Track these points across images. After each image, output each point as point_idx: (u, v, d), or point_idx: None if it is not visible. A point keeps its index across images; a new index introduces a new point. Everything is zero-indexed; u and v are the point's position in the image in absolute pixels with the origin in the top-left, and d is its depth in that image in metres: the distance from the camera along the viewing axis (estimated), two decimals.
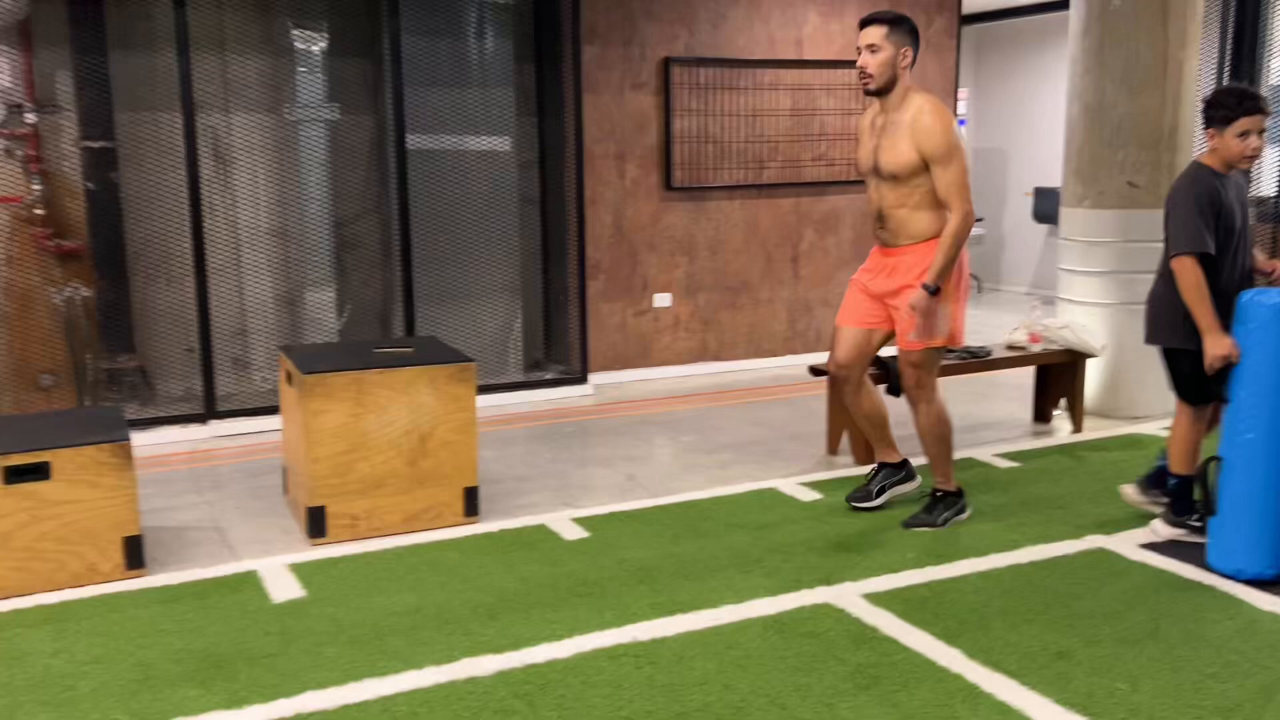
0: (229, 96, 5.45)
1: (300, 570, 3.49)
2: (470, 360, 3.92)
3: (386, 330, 5.89)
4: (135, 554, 3.45)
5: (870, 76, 3.59)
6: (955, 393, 6.07)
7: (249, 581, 3.40)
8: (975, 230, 9.38)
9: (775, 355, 6.87)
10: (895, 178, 3.61)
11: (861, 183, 6.95)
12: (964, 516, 3.90)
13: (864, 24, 3.62)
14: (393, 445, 3.79)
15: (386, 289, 5.91)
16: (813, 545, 3.67)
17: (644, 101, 6.31)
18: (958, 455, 4.74)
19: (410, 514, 3.84)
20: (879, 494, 4.00)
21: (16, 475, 3.28)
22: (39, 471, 3.30)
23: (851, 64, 6.77)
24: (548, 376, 6.16)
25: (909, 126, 3.55)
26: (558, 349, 6.32)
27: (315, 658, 2.88)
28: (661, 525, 3.89)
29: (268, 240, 5.63)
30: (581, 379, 6.12)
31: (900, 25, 3.59)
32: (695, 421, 5.41)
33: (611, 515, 4.00)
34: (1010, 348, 5.06)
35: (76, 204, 5.21)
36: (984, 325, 8.14)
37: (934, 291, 3.57)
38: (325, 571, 3.48)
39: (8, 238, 5.11)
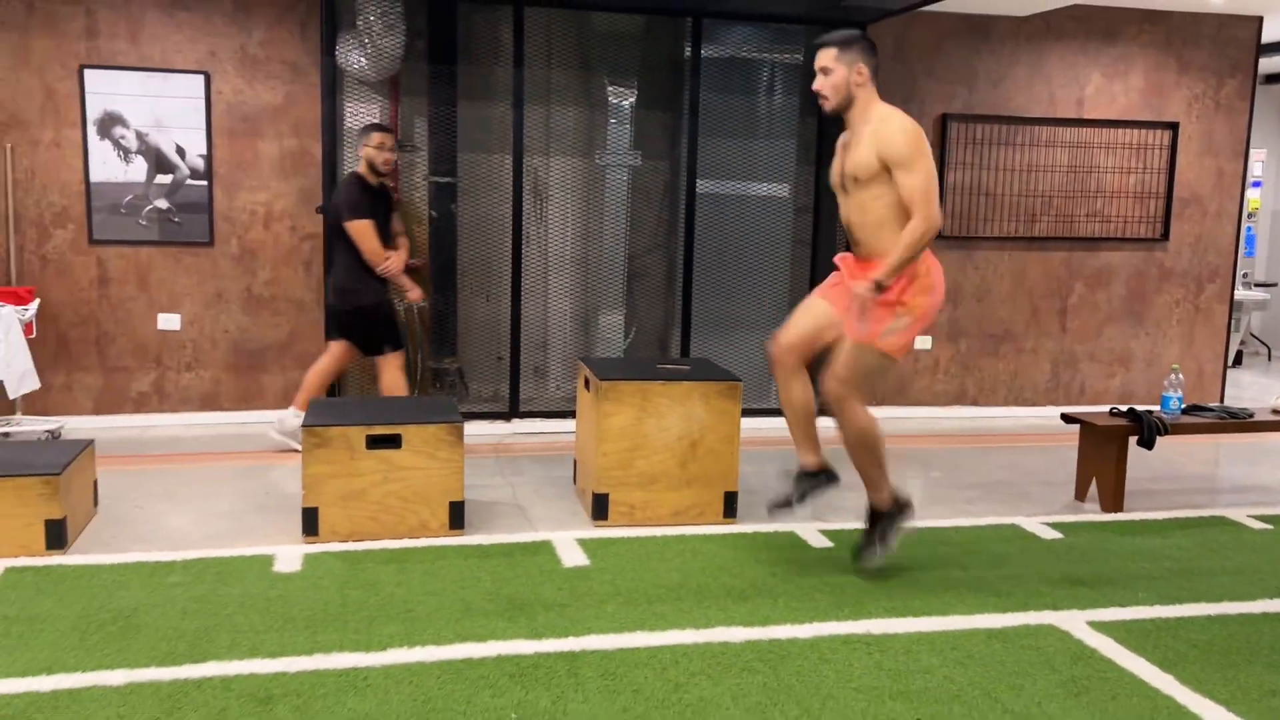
0: (550, 142, 6.32)
1: (586, 544, 4.13)
2: (738, 380, 4.45)
3: (664, 352, 6.55)
4: (458, 516, 4.21)
5: (825, 98, 3.64)
6: (1221, 454, 6.01)
7: (544, 548, 4.08)
8: (1260, 295, 9.08)
9: (1035, 405, 6.99)
10: (857, 180, 3.61)
11: (1137, 239, 7.01)
12: (908, 524, 3.92)
13: (816, 47, 3.65)
14: (668, 448, 4.38)
15: (667, 315, 6.58)
16: (1046, 577, 3.92)
17: None
18: (1205, 513, 4.81)
19: (678, 509, 4.41)
20: (801, 498, 3.93)
21: (376, 443, 4.12)
22: (393, 441, 4.13)
23: (1133, 124, 6.91)
24: None
25: (871, 135, 3.56)
26: (817, 381, 6.74)
27: (597, 611, 3.48)
28: (902, 545, 4.24)
29: (571, 267, 6.44)
30: None
31: (851, 45, 3.59)
32: (947, 459, 5.69)
33: (856, 530, 4.39)
34: (1275, 412, 5.03)
35: (421, 228, 6.21)
36: (1265, 391, 7.85)
37: (880, 288, 3.55)
38: (606, 547, 4.11)
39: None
